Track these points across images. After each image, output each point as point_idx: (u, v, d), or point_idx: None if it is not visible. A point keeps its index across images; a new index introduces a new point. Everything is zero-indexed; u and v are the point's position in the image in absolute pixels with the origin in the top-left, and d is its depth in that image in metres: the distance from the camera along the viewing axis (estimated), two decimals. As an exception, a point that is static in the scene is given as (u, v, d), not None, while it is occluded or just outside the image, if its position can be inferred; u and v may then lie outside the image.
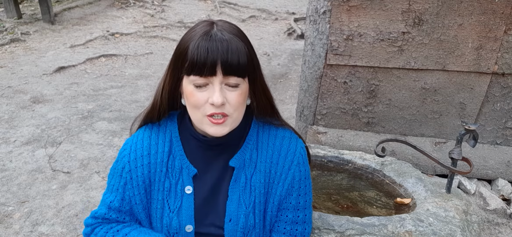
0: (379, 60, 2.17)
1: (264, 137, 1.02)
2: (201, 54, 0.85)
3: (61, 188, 2.60)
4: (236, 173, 0.99)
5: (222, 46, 0.85)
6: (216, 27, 0.89)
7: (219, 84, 0.87)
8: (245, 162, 1.00)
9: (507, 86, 2.17)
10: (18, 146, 3.08)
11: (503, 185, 2.34)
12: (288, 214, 1.02)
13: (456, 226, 1.37)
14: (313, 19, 2.25)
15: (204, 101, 0.88)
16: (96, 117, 3.62)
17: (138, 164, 1.00)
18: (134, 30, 6.43)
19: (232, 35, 0.88)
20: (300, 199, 1.02)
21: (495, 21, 1.99)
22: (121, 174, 1.01)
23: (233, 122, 0.92)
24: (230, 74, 0.87)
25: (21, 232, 2.22)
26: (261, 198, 0.99)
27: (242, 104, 0.92)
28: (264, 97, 0.99)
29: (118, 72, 4.89)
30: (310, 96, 2.40)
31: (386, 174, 1.77)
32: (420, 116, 2.31)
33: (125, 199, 1.01)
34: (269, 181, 1.00)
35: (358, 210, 1.59)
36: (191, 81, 0.88)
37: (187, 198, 0.99)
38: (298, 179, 1.01)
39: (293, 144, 1.02)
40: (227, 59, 0.85)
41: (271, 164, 1.00)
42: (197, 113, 0.91)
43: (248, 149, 1.00)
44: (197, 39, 0.86)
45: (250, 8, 7.86)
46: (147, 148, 1.00)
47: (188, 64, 0.87)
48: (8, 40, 5.52)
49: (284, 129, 1.04)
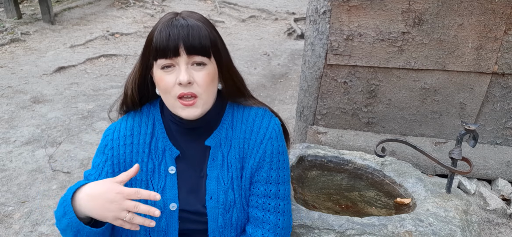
0: (379, 60, 2.17)
1: (239, 116, 1.06)
2: (163, 38, 0.90)
3: (61, 188, 2.60)
4: (213, 152, 1.03)
5: (183, 29, 0.90)
6: (179, 16, 0.95)
7: (185, 64, 0.92)
8: (221, 141, 1.04)
9: (507, 86, 2.17)
10: (18, 146, 3.08)
11: (503, 185, 2.34)
12: (259, 187, 1.05)
13: (456, 226, 1.37)
14: (313, 19, 2.25)
15: (173, 83, 0.93)
16: (96, 117, 3.62)
17: (120, 143, 1.03)
18: (134, 30, 6.43)
19: (195, 20, 0.93)
20: (272, 173, 1.04)
21: (495, 21, 1.99)
22: (103, 151, 1.05)
23: (204, 104, 0.96)
24: (194, 53, 0.91)
25: (21, 232, 2.22)
26: (238, 173, 1.03)
27: (211, 84, 0.96)
28: (235, 79, 1.04)
29: (118, 72, 4.89)
30: (310, 96, 2.40)
31: (386, 174, 1.77)
32: (420, 116, 2.31)
33: (102, 175, 1.03)
34: (244, 156, 1.04)
35: (358, 210, 1.59)
36: (158, 65, 0.93)
37: (170, 178, 1.03)
38: (270, 153, 1.03)
39: (266, 120, 1.05)
40: (188, 39, 0.90)
41: (244, 139, 1.04)
42: (169, 97, 0.95)
43: (224, 129, 1.05)
44: (160, 26, 0.92)
45: (250, 8, 7.86)
46: (130, 129, 1.04)
47: (153, 50, 0.92)
48: (8, 40, 5.52)
49: (257, 107, 1.08)
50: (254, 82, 4.63)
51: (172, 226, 1.02)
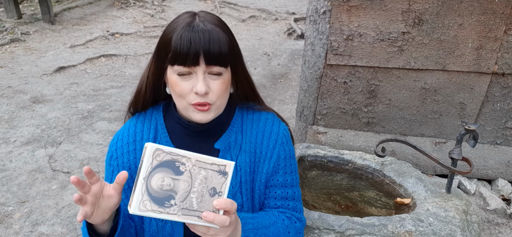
0: (379, 60, 2.17)
1: (249, 120, 1.06)
2: (184, 45, 0.87)
3: (61, 188, 2.60)
4: (222, 155, 1.02)
5: (204, 36, 0.87)
6: (198, 18, 0.91)
7: (203, 74, 0.89)
8: (231, 144, 1.03)
9: (507, 86, 2.17)
10: (18, 146, 3.08)
11: (503, 185, 2.34)
12: (276, 191, 1.06)
13: (456, 226, 1.37)
14: (313, 19, 2.25)
15: (189, 90, 0.91)
16: (96, 117, 3.62)
17: (124, 151, 1.02)
18: (134, 30, 6.43)
19: (214, 25, 0.91)
20: (287, 177, 1.06)
21: (495, 21, 1.99)
22: (109, 163, 1.04)
23: (216, 109, 0.95)
24: (213, 64, 0.89)
25: (21, 232, 2.22)
26: (247, 177, 1.03)
27: (225, 92, 0.95)
28: (247, 84, 1.03)
29: (118, 72, 4.89)
30: (310, 96, 2.40)
31: (386, 174, 1.77)
32: (420, 116, 2.31)
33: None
34: (255, 161, 1.03)
35: (358, 210, 1.59)
36: (174, 71, 0.91)
37: None
38: (283, 158, 1.05)
39: (276, 125, 1.06)
40: (209, 49, 0.87)
41: (256, 144, 1.04)
42: (182, 101, 0.93)
43: (233, 132, 1.04)
44: (180, 29, 0.89)
45: (250, 8, 7.86)
46: (132, 136, 1.03)
47: (171, 55, 0.89)
48: (8, 40, 5.52)
49: (267, 113, 1.08)
50: (254, 82, 4.62)
51: (177, 232, 1.01)
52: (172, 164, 0.77)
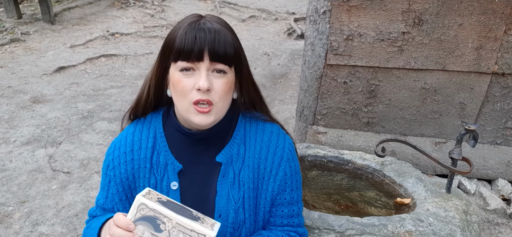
0: (379, 60, 2.17)
1: (252, 132, 1.02)
2: (189, 40, 0.87)
3: (61, 188, 2.60)
4: (224, 169, 0.99)
5: (210, 34, 0.88)
6: (204, 19, 0.92)
7: (206, 70, 0.89)
8: (233, 157, 1.00)
9: (507, 86, 2.17)
10: (18, 146, 3.08)
11: (503, 185, 2.34)
12: (283, 209, 1.04)
13: (456, 226, 1.37)
14: (313, 19, 2.25)
15: (191, 87, 0.89)
16: (96, 117, 3.62)
17: (121, 161, 1.00)
18: (134, 30, 6.43)
19: (220, 26, 0.91)
20: (293, 194, 1.04)
21: (495, 21, 1.99)
22: (106, 172, 1.03)
23: (218, 112, 0.93)
24: (217, 61, 0.89)
25: (21, 232, 2.22)
26: (251, 193, 0.99)
27: (228, 93, 0.93)
28: (253, 90, 1.01)
29: (118, 72, 4.89)
30: (310, 96, 2.40)
31: (386, 174, 1.77)
32: (420, 116, 2.31)
33: (108, 197, 1.02)
34: (259, 177, 1.00)
35: (358, 210, 1.59)
36: (178, 67, 0.90)
37: (173, 194, 0.99)
38: (290, 175, 1.02)
39: (281, 140, 1.02)
40: (214, 47, 0.87)
41: (260, 159, 1.00)
42: (183, 101, 0.91)
43: (235, 144, 1.00)
44: (185, 27, 0.89)
45: (250, 8, 7.86)
46: (130, 145, 1.01)
47: (175, 50, 0.89)
48: (8, 40, 5.52)
49: (271, 124, 1.05)
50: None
51: None
52: (154, 220, 0.79)
